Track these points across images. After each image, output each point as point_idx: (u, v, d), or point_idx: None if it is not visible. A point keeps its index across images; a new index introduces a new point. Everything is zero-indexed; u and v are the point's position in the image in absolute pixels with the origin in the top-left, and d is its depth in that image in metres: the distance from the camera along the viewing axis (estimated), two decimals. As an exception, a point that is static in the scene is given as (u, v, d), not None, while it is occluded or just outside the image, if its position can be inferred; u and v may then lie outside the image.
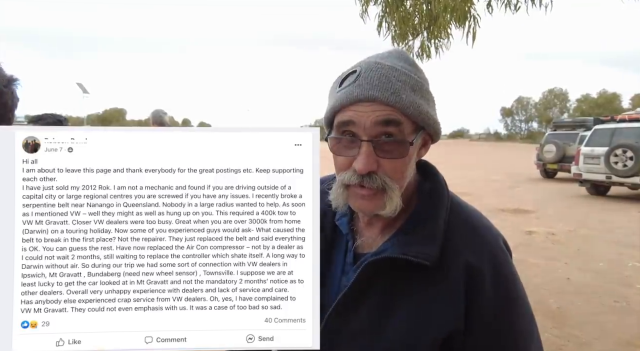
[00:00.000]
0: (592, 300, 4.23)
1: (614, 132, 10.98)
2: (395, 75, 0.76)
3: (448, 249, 0.77)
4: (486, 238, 0.81)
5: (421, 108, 0.77)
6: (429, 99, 0.81)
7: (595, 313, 3.91)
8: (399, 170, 0.77)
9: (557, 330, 3.59)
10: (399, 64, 0.79)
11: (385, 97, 0.74)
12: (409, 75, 0.78)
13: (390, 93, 0.74)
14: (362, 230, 0.88)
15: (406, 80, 0.77)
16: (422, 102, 0.78)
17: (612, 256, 5.67)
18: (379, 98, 0.74)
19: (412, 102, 0.76)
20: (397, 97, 0.74)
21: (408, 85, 0.77)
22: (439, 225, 0.79)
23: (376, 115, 0.74)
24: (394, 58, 0.81)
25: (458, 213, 0.83)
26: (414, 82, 0.78)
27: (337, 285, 0.85)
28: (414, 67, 0.81)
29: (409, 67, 0.80)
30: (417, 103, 0.77)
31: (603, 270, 5.13)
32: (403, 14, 4.33)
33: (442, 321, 0.75)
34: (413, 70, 0.80)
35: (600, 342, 3.37)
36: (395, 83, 0.76)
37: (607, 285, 4.60)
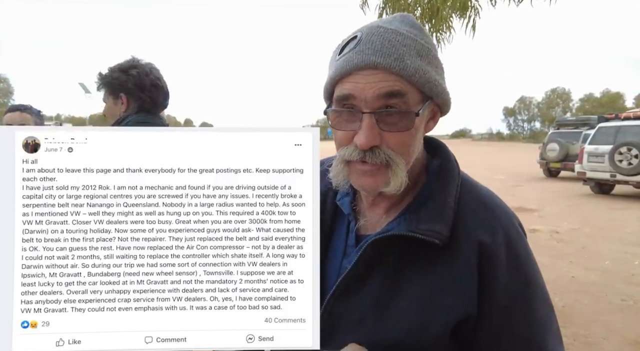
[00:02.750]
0: (598, 298, 4.21)
1: (618, 130, 10.92)
2: (400, 39, 0.70)
3: (459, 228, 0.72)
4: (500, 217, 0.75)
5: (428, 75, 0.71)
6: (437, 66, 0.74)
7: (601, 312, 3.89)
8: (405, 144, 0.71)
9: (563, 329, 3.55)
10: (404, 28, 0.73)
11: (387, 63, 0.68)
12: (415, 40, 0.72)
13: (393, 59, 0.69)
14: (365, 211, 0.82)
15: (411, 44, 0.71)
16: (430, 68, 0.72)
17: (617, 255, 5.64)
18: (382, 65, 0.68)
19: (418, 68, 0.70)
20: (401, 62, 0.69)
21: (413, 49, 0.70)
22: (448, 203, 0.73)
23: (379, 87, 0.69)
24: (398, 22, 0.75)
25: (469, 191, 0.77)
26: (420, 47, 0.71)
27: (337, 268, 0.81)
28: (420, 31, 0.74)
29: (415, 31, 0.73)
30: (423, 69, 0.70)
31: (609, 268, 5.11)
32: (404, 6, 4.32)
33: (454, 305, 0.69)
34: (419, 35, 0.73)
35: (607, 342, 3.34)
36: (400, 48, 0.69)
37: (613, 284, 4.58)
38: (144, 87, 1.70)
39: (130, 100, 1.70)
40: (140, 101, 1.70)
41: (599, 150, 10.71)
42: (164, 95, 1.78)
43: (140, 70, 1.71)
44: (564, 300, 4.16)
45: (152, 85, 1.72)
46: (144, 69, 1.72)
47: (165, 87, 1.79)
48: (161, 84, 1.76)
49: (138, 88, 1.69)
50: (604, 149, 10.55)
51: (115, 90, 1.71)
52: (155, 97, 1.73)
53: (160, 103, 1.77)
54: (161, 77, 1.78)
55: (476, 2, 4.08)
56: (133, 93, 1.69)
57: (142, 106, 1.71)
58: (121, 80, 1.69)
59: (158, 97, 1.74)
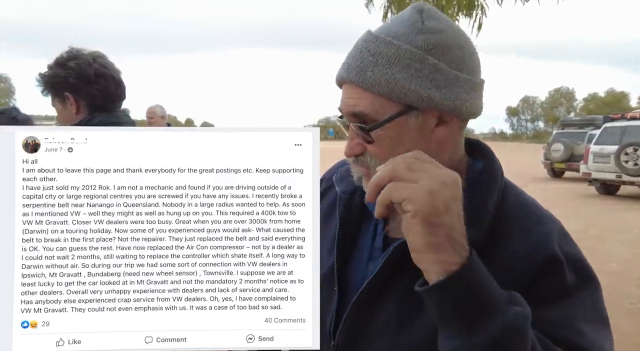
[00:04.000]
0: (607, 301, 4.14)
1: (624, 130, 10.87)
2: (372, 47, 0.68)
3: (496, 234, 0.69)
4: (545, 220, 0.72)
5: (398, 83, 0.67)
6: (418, 69, 0.67)
7: (610, 315, 3.83)
8: (382, 153, 0.71)
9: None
10: (392, 29, 0.70)
11: (350, 77, 0.69)
12: (391, 44, 0.68)
13: (355, 73, 0.69)
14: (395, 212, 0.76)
15: (383, 51, 0.67)
16: (402, 75, 0.67)
17: (625, 256, 5.60)
18: (347, 79, 0.70)
19: (380, 78, 0.67)
20: (361, 75, 0.68)
21: (384, 56, 0.67)
22: (487, 208, 0.70)
23: (349, 104, 0.72)
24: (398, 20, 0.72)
25: (512, 198, 0.74)
26: (395, 52, 0.67)
27: (363, 271, 0.78)
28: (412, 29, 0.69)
29: (403, 29, 0.69)
30: (389, 79, 0.67)
31: (616, 270, 5.07)
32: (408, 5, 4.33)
33: None
34: (404, 35, 0.68)
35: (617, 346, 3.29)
36: (367, 58, 0.68)
37: (622, 287, 4.54)
38: (88, 80, 1.45)
39: (78, 98, 1.46)
40: (89, 97, 1.46)
41: (605, 150, 10.66)
42: (116, 84, 1.52)
43: (80, 60, 1.46)
44: (572, 303, 4.13)
45: (98, 75, 1.47)
46: (85, 59, 1.47)
47: (116, 75, 1.53)
48: (109, 72, 1.50)
49: (82, 81, 1.44)
50: (610, 149, 10.49)
51: (58, 90, 1.47)
52: (105, 87, 1.48)
53: (113, 95, 1.52)
54: (108, 65, 1.52)
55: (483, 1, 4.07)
56: (78, 89, 1.44)
57: (93, 102, 1.47)
58: (60, 76, 1.44)
59: (108, 87, 1.49)
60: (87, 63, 1.46)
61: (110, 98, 1.51)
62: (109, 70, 1.51)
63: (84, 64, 1.45)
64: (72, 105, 1.46)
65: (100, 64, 1.49)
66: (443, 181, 0.58)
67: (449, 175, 0.60)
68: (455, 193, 0.59)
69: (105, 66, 1.50)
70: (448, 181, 0.59)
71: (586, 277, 0.72)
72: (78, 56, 1.47)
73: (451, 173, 0.60)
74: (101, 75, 1.47)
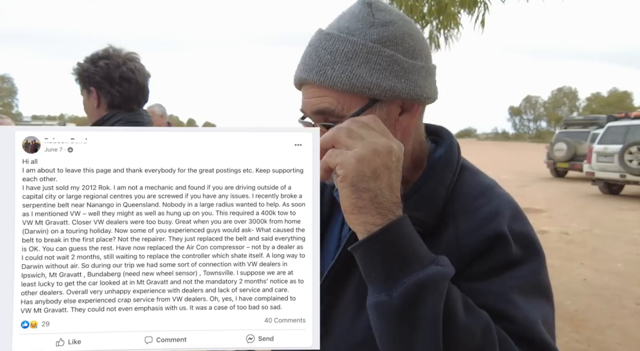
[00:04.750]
0: (612, 302, 4.13)
1: (628, 129, 10.82)
2: (327, 45, 0.70)
3: (448, 215, 0.73)
4: (495, 199, 0.75)
5: (358, 78, 0.69)
6: (376, 62, 0.70)
7: (616, 316, 3.82)
8: None
9: (576, 333, 3.50)
10: (342, 25, 0.72)
11: (311, 77, 0.71)
12: (345, 40, 0.70)
13: (315, 72, 0.71)
14: None
15: (339, 47, 0.69)
16: (362, 70, 0.69)
17: (630, 256, 5.56)
18: (307, 80, 0.72)
19: (341, 75, 0.69)
20: (322, 75, 0.70)
21: (341, 53, 0.69)
22: (439, 191, 0.74)
23: (312, 104, 0.73)
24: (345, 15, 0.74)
25: (468, 180, 0.77)
26: (350, 47, 0.69)
27: (332, 259, 0.84)
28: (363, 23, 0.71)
29: (356, 24, 0.71)
30: (350, 75, 0.69)
31: (621, 271, 5.03)
32: (411, 1, 4.32)
33: None
34: (357, 30, 0.70)
35: (623, 347, 3.26)
36: (324, 56, 0.70)
37: (627, 287, 4.50)
38: (112, 81, 1.55)
39: (100, 95, 1.57)
40: (110, 96, 1.56)
41: (608, 149, 10.61)
42: (138, 90, 1.62)
43: (110, 61, 1.56)
44: (577, 304, 4.09)
45: (123, 78, 1.56)
46: (116, 61, 1.57)
47: (142, 81, 1.63)
48: (135, 76, 1.60)
49: (106, 81, 1.55)
50: (614, 149, 10.45)
51: (86, 83, 1.58)
52: (127, 91, 1.58)
53: (132, 98, 1.61)
54: (137, 70, 1.61)
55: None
56: (102, 87, 1.55)
57: (112, 102, 1.57)
58: (90, 72, 1.55)
59: (129, 92, 1.58)
60: (115, 65, 1.56)
61: (129, 101, 1.60)
62: (136, 75, 1.59)
63: (112, 65, 1.55)
64: (95, 99, 1.58)
65: (128, 68, 1.58)
66: (375, 149, 0.62)
67: (383, 144, 0.63)
68: (386, 162, 0.63)
69: (133, 70, 1.59)
70: (381, 149, 0.62)
71: (531, 252, 0.73)
72: (110, 56, 1.57)
73: (387, 143, 0.63)
74: (126, 79, 1.56)
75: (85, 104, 1.63)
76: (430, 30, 4.71)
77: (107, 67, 1.54)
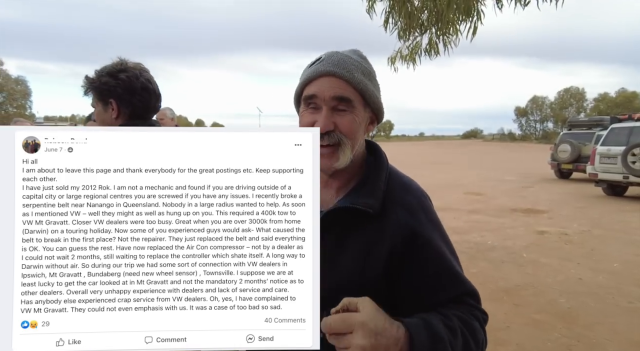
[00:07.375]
0: (605, 300, 4.14)
1: (631, 131, 10.76)
2: (350, 60, 1.00)
3: (387, 201, 0.98)
4: (415, 193, 1.05)
5: (368, 87, 1.00)
6: (375, 85, 1.05)
7: (607, 314, 3.82)
8: (352, 130, 0.97)
9: (567, 329, 3.52)
10: (353, 56, 1.03)
11: (341, 73, 0.97)
12: (360, 63, 1.02)
13: (346, 71, 0.97)
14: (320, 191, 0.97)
15: (358, 65, 1.01)
16: (369, 84, 1.01)
17: (627, 257, 5.54)
18: (337, 74, 0.96)
19: (362, 81, 0.99)
20: (350, 74, 0.97)
21: (359, 69, 1.00)
22: (379, 185, 1.00)
23: (334, 90, 0.96)
24: (349, 52, 1.05)
25: (394, 178, 1.06)
26: (364, 69, 1.01)
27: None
28: (365, 60, 1.05)
29: (361, 59, 1.04)
30: (365, 83, 0.99)
31: (617, 270, 5.02)
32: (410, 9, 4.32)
33: (382, 253, 0.93)
34: (364, 62, 1.04)
35: (611, 343, 3.29)
36: (350, 65, 0.99)
37: (621, 286, 4.50)
38: (134, 92, 1.63)
39: (121, 106, 1.64)
40: (131, 107, 1.64)
41: (612, 151, 10.56)
42: (156, 98, 1.71)
43: (130, 73, 1.63)
44: (570, 302, 4.09)
45: (143, 88, 1.65)
46: (134, 72, 1.65)
47: (157, 89, 1.71)
48: (152, 86, 1.69)
49: (128, 93, 1.62)
50: (617, 150, 10.39)
51: (104, 96, 1.63)
52: (147, 100, 1.67)
53: (152, 107, 1.70)
54: (151, 79, 1.71)
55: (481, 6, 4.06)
56: (123, 99, 1.62)
57: (134, 111, 1.65)
58: (110, 85, 1.61)
59: (150, 101, 1.68)
60: (135, 76, 1.64)
61: (148, 110, 1.70)
62: (152, 85, 1.70)
63: (132, 77, 1.64)
64: (114, 110, 1.64)
65: (145, 78, 1.68)
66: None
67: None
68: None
69: (150, 81, 1.69)
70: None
71: (432, 220, 1.01)
72: (127, 69, 1.65)
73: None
74: (145, 89, 1.66)
75: (100, 115, 1.68)
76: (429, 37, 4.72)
77: (128, 80, 1.62)
